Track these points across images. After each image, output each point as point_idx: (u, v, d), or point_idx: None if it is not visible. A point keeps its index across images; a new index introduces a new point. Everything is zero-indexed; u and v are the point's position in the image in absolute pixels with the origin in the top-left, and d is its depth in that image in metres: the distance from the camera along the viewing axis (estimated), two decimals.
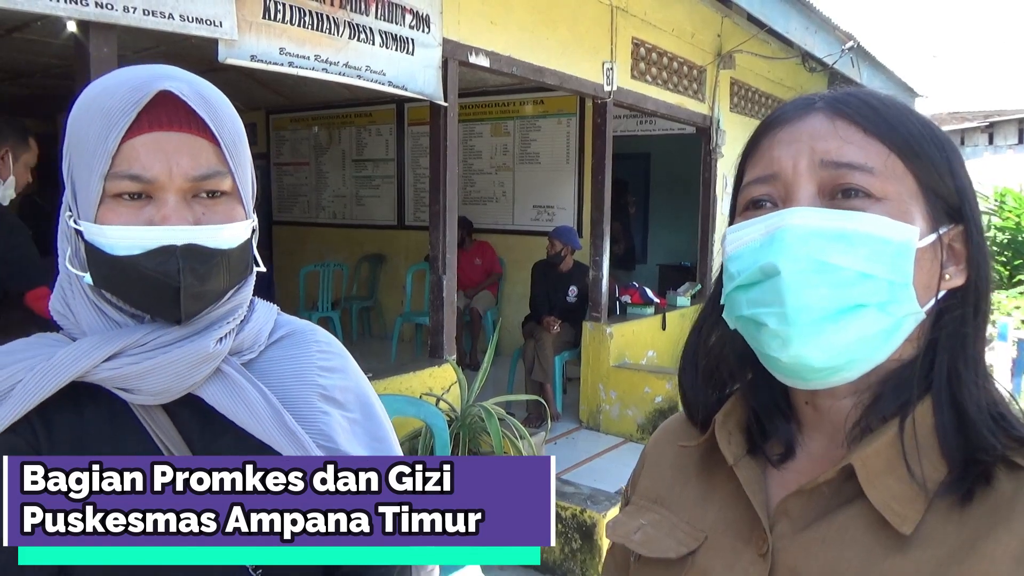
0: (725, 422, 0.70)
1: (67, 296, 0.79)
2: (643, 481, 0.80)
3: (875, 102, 0.64)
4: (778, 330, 0.60)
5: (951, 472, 0.59)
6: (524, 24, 4.29)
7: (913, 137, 0.63)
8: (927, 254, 0.61)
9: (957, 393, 0.60)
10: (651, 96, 5.58)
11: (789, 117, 0.66)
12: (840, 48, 6.44)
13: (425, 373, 3.85)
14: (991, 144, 11.03)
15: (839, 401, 0.64)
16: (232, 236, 0.77)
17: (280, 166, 8.40)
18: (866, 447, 0.60)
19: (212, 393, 0.77)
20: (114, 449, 0.76)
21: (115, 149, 0.72)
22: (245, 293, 0.83)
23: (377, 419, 0.90)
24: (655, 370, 5.24)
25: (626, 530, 0.75)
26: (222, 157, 0.76)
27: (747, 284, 0.63)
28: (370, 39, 3.35)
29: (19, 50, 4.95)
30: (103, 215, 0.74)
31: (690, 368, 0.75)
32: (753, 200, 0.66)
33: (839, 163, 0.61)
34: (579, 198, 6.61)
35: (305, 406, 0.82)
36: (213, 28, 2.69)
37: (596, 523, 3.17)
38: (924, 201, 0.62)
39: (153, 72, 0.75)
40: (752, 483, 0.67)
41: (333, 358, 0.90)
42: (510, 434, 3.49)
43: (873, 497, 0.59)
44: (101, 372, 0.73)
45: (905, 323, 0.61)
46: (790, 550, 0.62)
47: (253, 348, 0.83)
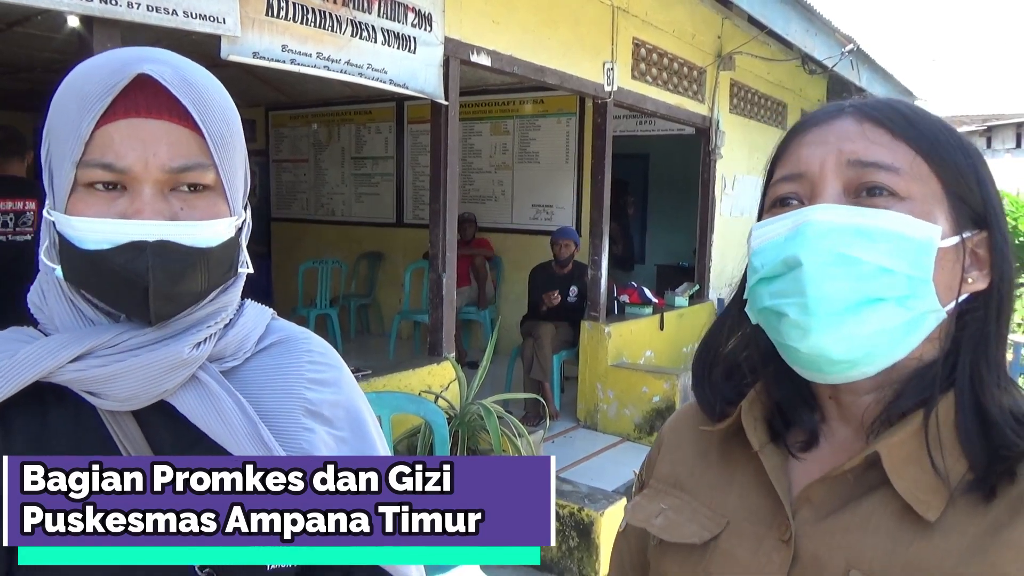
0: (751, 409, 0.71)
1: (44, 289, 0.74)
2: (661, 465, 0.80)
3: (904, 108, 0.66)
4: (799, 320, 0.61)
5: (973, 470, 0.59)
6: (526, 24, 4.29)
7: (940, 143, 0.64)
8: (949, 255, 0.62)
9: (980, 394, 0.61)
10: (651, 96, 5.58)
11: (819, 120, 0.67)
12: (840, 51, 6.45)
13: (424, 371, 3.86)
14: (989, 148, 11.06)
15: (860, 397, 0.66)
16: (212, 234, 0.71)
17: (279, 163, 8.39)
18: (890, 437, 0.62)
19: (185, 401, 0.71)
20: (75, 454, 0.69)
21: (88, 135, 0.67)
22: (231, 295, 0.77)
23: (368, 439, 0.83)
24: (653, 370, 5.25)
25: (646, 514, 0.76)
26: (205, 148, 0.70)
27: (770, 276, 0.64)
28: (372, 37, 3.35)
29: (20, 45, 4.94)
30: (74, 205, 0.68)
31: (708, 362, 0.76)
32: (780, 198, 0.67)
33: (865, 162, 0.62)
34: (578, 198, 6.61)
35: (287, 421, 0.76)
36: (216, 24, 2.69)
37: (594, 521, 3.18)
38: (948, 205, 0.63)
39: (135, 55, 0.70)
40: (776, 469, 0.68)
41: (325, 370, 0.83)
42: (509, 432, 3.50)
43: (899, 485, 0.60)
44: (66, 373, 0.68)
45: (925, 320, 0.62)
46: (813, 536, 0.64)
47: (237, 355, 0.77)
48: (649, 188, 9.10)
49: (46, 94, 0.73)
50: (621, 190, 7.47)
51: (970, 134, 10.72)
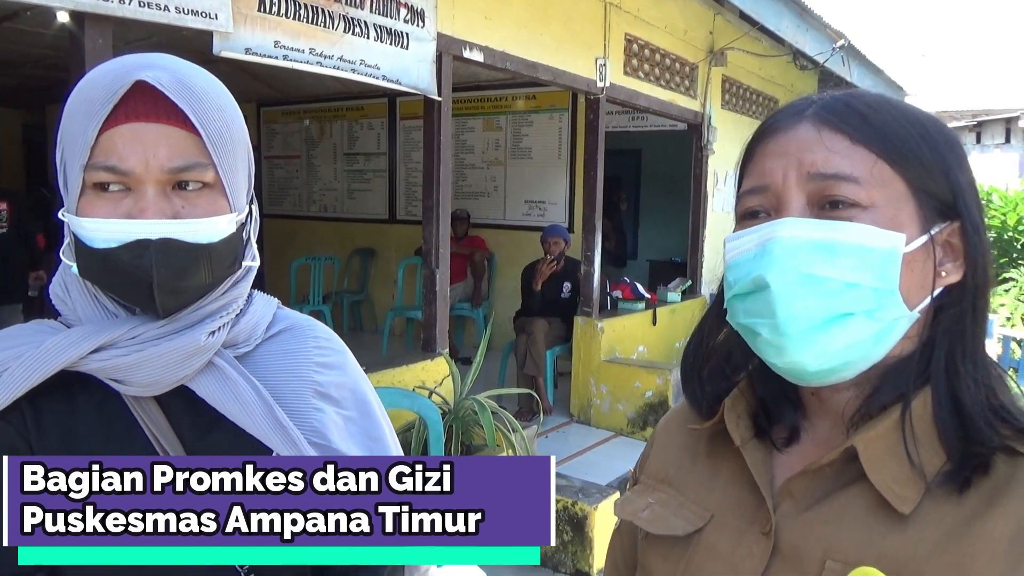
0: (734, 406, 0.73)
1: (67, 284, 0.79)
2: (652, 462, 0.82)
3: (863, 107, 0.65)
4: (771, 339, 0.63)
5: (949, 462, 0.60)
6: (518, 19, 4.29)
7: (901, 140, 0.63)
8: (918, 256, 0.63)
9: (955, 387, 0.62)
10: (643, 92, 5.58)
11: (780, 127, 0.67)
12: (831, 46, 6.46)
13: (418, 366, 3.86)
14: (978, 143, 11.10)
15: (840, 393, 0.67)
16: (213, 230, 0.75)
17: (271, 159, 8.36)
18: (868, 431, 0.63)
19: (204, 386, 0.76)
20: (104, 439, 0.76)
21: (94, 140, 0.71)
22: (241, 288, 0.82)
23: (374, 418, 0.89)
24: (645, 365, 5.27)
25: (634, 508, 0.78)
26: (204, 148, 0.74)
27: (743, 293, 0.65)
28: (365, 33, 3.34)
29: (10, 40, 4.90)
30: (83, 207, 0.73)
31: (694, 360, 0.78)
32: (749, 210, 0.68)
33: (826, 174, 0.63)
34: (571, 194, 6.61)
35: (298, 401, 0.81)
36: (208, 20, 2.68)
37: (587, 515, 3.19)
38: (915, 203, 0.63)
39: (135, 61, 0.74)
40: (758, 464, 0.69)
41: (331, 354, 0.89)
42: (502, 427, 3.51)
43: (874, 478, 0.61)
44: (90, 363, 0.73)
45: (897, 325, 0.63)
46: (792, 529, 0.65)
47: (249, 341, 0.83)
48: (642, 184, 9.11)
49: (36, 90, 0.75)
50: (614, 186, 7.48)
51: (960, 129, 10.78)
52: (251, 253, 0.83)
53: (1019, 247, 7.53)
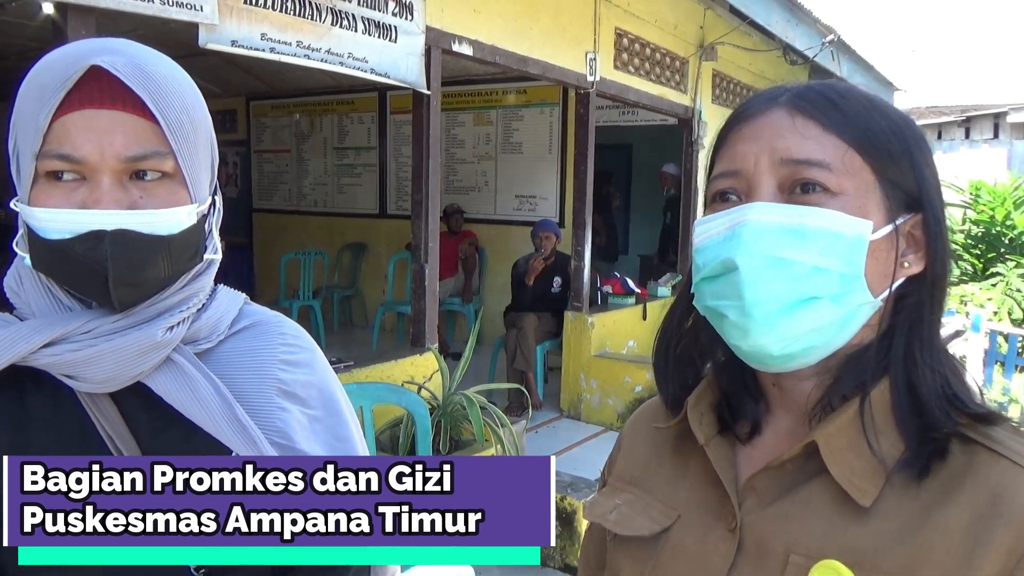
0: (697, 404, 0.73)
1: (21, 275, 0.76)
2: (619, 463, 0.82)
3: (835, 96, 0.66)
4: (737, 321, 0.63)
5: (908, 449, 0.61)
6: (507, 13, 4.28)
7: (871, 131, 0.65)
8: (883, 245, 0.64)
9: (912, 375, 0.63)
10: (633, 87, 5.58)
11: (753, 113, 0.68)
12: (821, 41, 6.48)
13: (407, 361, 3.86)
14: (967, 138, 11.17)
15: (802, 382, 0.67)
16: (172, 221, 0.72)
17: (261, 153, 8.31)
18: (828, 425, 0.63)
19: (161, 383, 0.73)
20: (56, 437, 0.74)
21: (46, 127, 0.68)
22: (203, 282, 0.79)
23: (341, 417, 0.86)
24: (635, 359, 5.28)
25: (602, 510, 0.78)
26: (163, 137, 0.71)
27: (711, 276, 0.66)
28: (352, 26, 3.32)
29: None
30: (36, 196, 0.70)
31: (664, 350, 0.78)
32: (720, 192, 0.69)
33: (797, 160, 0.64)
34: (561, 188, 6.61)
35: (261, 400, 0.79)
36: (194, 12, 2.65)
37: (576, 510, 3.20)
38: (882, 192, 0.64)
39: (92, 46, 0.71)
40: (722, 461, 0.70)
41: (298, 352, 0.85)
42: (492, 422, 3.51)
43: (835, 472, 0.62)
44: (41, 358, 0.70)
45: (860, 312, 0.64)
46: (757, 524, 0.66)
47: (211, 337, 0.80)
48: (632, 179, 9.12)
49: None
50: (604, 181, 7.47)
51: (949, 124, 10.84)
52: (213, 246, 0.80)
53: (1007, 242, 7.58)
